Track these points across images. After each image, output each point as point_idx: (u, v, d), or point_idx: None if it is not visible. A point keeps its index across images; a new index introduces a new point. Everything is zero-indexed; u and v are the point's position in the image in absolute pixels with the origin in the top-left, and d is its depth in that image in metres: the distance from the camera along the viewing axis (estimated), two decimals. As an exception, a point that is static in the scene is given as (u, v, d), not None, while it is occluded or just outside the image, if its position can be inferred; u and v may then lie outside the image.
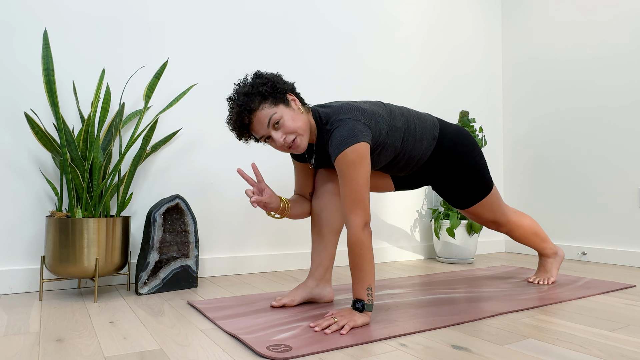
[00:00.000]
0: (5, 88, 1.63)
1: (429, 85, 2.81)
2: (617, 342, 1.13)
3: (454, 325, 1.27)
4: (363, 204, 1.24)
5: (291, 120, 1.29)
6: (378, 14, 2.60)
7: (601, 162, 2.62)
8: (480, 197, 1.66)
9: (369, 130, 1.31)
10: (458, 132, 1.59)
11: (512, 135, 3.14)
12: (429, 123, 1.53)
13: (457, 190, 1.63)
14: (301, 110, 1.34)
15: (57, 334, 1.15)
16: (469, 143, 1.60)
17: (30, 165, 1.67)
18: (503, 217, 1.75)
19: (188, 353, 1.02)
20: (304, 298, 1.47)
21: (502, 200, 1.80)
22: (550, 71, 2.91)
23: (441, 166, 1.57)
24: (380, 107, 1.42)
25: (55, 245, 1.48)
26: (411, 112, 1.51)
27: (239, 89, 1.32)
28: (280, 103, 1.30)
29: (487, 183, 1.66)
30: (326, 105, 1.40)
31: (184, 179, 1.97)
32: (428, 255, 2.73)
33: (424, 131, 1.50)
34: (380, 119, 1.36)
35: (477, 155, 1.62)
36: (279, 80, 1.34)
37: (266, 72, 1.36)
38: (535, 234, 1.84)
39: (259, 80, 1.31)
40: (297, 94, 1.38)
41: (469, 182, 1.61)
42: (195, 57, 2.01)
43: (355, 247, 1.23)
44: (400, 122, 1.43)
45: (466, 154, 1.58)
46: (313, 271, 1.50)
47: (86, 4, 1.78)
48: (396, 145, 1.43)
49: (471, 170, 1.60)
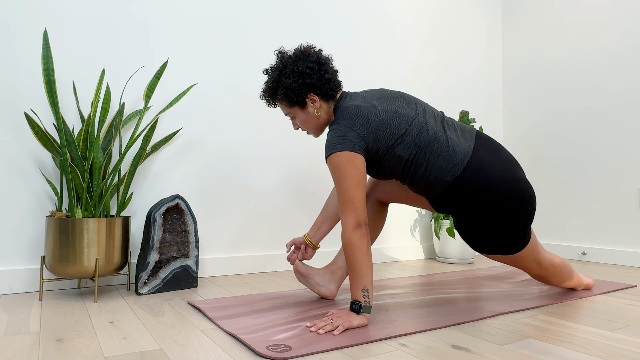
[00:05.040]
0: (6, 88, 1.63)
1: (429, 85, 2.81)
2: (617, 342, 1.13)
3: (454, 325, 1.27)
4: (354, 205, 1.23)
5: (302, 122, 1.42)
6: (377, 15, 2.60)
7: (601, 162, 2.62)
8: (500, 252, 1.40)
9: (363, 142, 1.27)
10: (491, 182, 1.29)
11: (512, 135, 3.14)
12: (449, 163, 1.30)
13: (467, 233, 1.40)
14: (317, 114, 1.39)
15: (57, 334, 1.15)
16: (509, 197, 1.30)
17: (30, 165, 1.67)
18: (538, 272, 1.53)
19: (188, 353, 1.02)
20: (307, 271, 1.55)
21: (539, 255, 1.48)
22: (550, 71, 2.91)
23: (451, 206, 1.37)
24: (402, 121, 1.30)
25: (55, 245, 1.48)
26: (433, 145, 1.30)
27: (271, 72, 1.40)
28: (295, 105, 1.39)
29: (512, 245, 1.38)
30: (353, 96, 1.37)
31: (184, 179, 1.97)
32: (428, 255, 2.73)
33: (436, 171, 1.31)
34: (382, 137, 1.29)
35: (514, 213, 1.31)
36: (304, 80, 1.34)
37: (304, 63, 1.34)
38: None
39: (287, 80, 1.35)
40: (324, 90, 1.36)
41: (486, 231, 1.35)
42: (195, 57, 2.01)
43: (347, 247, 1.23)
44: (407, 152, 1.30)
45: (494, 206, 1.30)
46: (330, 264, 1.60)
47: (86, 4, 1.78)
48: (396, 170, 1.34)
49: (494, 224, 1.33)
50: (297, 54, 1.38)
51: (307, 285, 1.56)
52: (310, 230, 1.58)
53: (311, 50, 1.39)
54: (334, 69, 1.41)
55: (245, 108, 2.13)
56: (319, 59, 1.37)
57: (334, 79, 1.39)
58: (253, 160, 2.14)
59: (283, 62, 1.38)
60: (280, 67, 1.38)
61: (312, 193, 2.30)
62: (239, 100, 2.12)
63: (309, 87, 1.36)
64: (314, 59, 1.36)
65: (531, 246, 1.43)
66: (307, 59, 1.36)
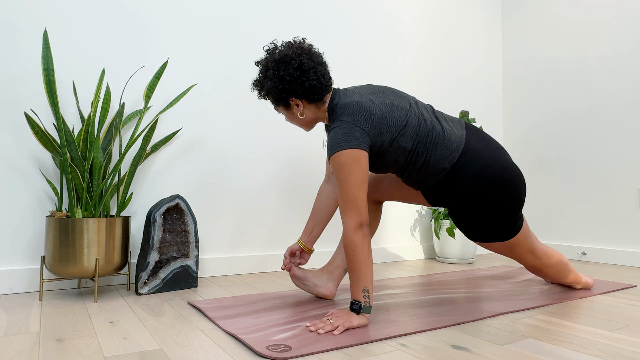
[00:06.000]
0: (6, 88, 1.63)
1: (429, 86, 2.81)
2: (617, 342, 1.13)
3: (454, 325, 1.27)
4: (356, 205, 1.23)
5: (288, 119, 1.46)
6: (377, 15, 2.60)
7: (601, 162, 2.62)
8: (493, 239, 1.45)
9: (367, 138, 1.27)
10: (484, 169, 1.35)
11: (512, 135, 3.14)
12: (446, 150, 1.35)
13: (462, 221, 1.44)
14: (300, 117, 1.40)
15: (57, 334, 1.15)
16: (500, 185, 1.36)
17: (30, 165, 1.67)
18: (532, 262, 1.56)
19: (188, 353, 1.02)
20: (303, 274, 1.56)
21: (533, 244, 1.53)
22: (550, 71, 2.91)
23: (446, 195, 1.41)
24: (400, 113, 1.33)
25: (55, 245, 1.48)
26: (432, 133, 1.34)
27: (261, 68, 1.39)
28: (280, 104, 1.40)
29: (505, 230, 1.43)
30: (348, 93, 1.35)
31: (184, 179, 1.97)
32: (428, 255, 2.73)
33: (435, 159, 1.35)
34: (386, 131, 1.29)
35: (505, 201, 1.37)
36: (284, 86, 1.33)
37: (285, 70, 1.31)
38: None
39: (269, 83, 1.35)
40: (308, 95, 1.35)
41: (480, 219, 1.40)
42: (195, 57, 2.01)
43: (348, 248, 1.23)
44: (410, 142, 1.33)
45: (485, 195, 1.36)
46: (327, 264, 1.60)
47: (86, 4, 1.78)
48: (398, 162, 1.36)
49: (486, 211, 1.38)
50: (281, 56, 1.33)
51: (305, 288, 1.56)
52: (302, 235, 1.58)
53: (296, 52, 1.33)
54: (322, 72, 1.34)
55: (246, 108, 2.13)
56: (301, 64, 1.31)
57: (318, 84, 1.33)
58: (253, 160, 2.14)
59: (267, 64, 1.36)
60: (265, 68, 1.37)
61: (313, 193, 2.30)
62: (239, 100, 2.12)
63: (290, 92, 1.34)
64: (296, 64, 1.31)
65: (524, 233, 1.48)
66: (288, 64, 1.31)
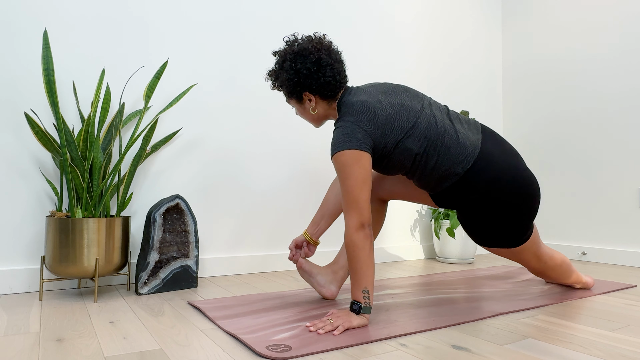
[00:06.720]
0: (6, 88, 1.63)
1: (429, 86, 2.81)
2: (617, 342, 1.13)
3: (454, 325, 1.27)
4: (358, 205, 1.23)
5: (299, 113, 1.47)
6: (377, 16, 2.60)
7: (601, 162, 2.62)
8: (502, 245, 1.43)
9: (369, 139, 1.26)
10: (499, 176, 1.31)
11: (512, 135, 3.14)
12: (460, 155, 1.31)
13: (472, 226, 1.42)
14: (312, 112, 1.41)
15: (57, 334, 1.15)
16: (515, 193, 1.33)
17: (30, 165, 1.67)
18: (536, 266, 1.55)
19: (188, 353, 1.02)
20: (310, 269, 1.55)
21: (539, 249, 1.51)
22: (550, 71, 2.91)
23: (458, 199, 1.38)
24: (409, 114, 1.30)
25: (55, 245, 1.48)
26: (443, 136, 1.31)
27: (278, 58, 1.39)
28: (293, 97, 1.41)
29: (515, 238, 1.40)
30: (357, 92, 1.35)
31: (184, 179, 1.97)
32: (428, 255, 2.73)
33: (447, 163, 1.31)
34: (390, 132, 1.28)
35: (519, 210, 1.34)
36: (300, 79, 1.34)
37: (303, 63, 1.32)
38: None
39: (285, 75, 1.35)
40: (322, 91, 1.35)
41: (491, 225, 1.38)
42: (195, 57, 2.01)
43: (349, 248, 1.23)
44: (417, 145, 1.30)
45: (499, 203, 1.33)
46: (332, 263, 1.60)
47: (86, 4, 1.78)
48: (405, 165, 1.33)
49: (498, 219, 1.36)
50: (300, 49, 1.34)
51: (310, 283, 1.56)
52: (309, 227, 1.58)
53: (316, 47, 1.33)
54: (338, 69, 1.35)
55: (246, 108, 2.13)
56: (319, 60, 1.32)
57: (333, 82, 1.34)
58: (253, 160, 2.14)
59: (285, 55, 1.37)
60: (282, 59, 1.38)
61: (313, 193, 2.30)
62: (239, 100, 2.12)
63: (305, 86, 1.35)
64: (314, 59, 1.31)
65: (533, 240, 1.46)
66: (307, 58, 1.32)
